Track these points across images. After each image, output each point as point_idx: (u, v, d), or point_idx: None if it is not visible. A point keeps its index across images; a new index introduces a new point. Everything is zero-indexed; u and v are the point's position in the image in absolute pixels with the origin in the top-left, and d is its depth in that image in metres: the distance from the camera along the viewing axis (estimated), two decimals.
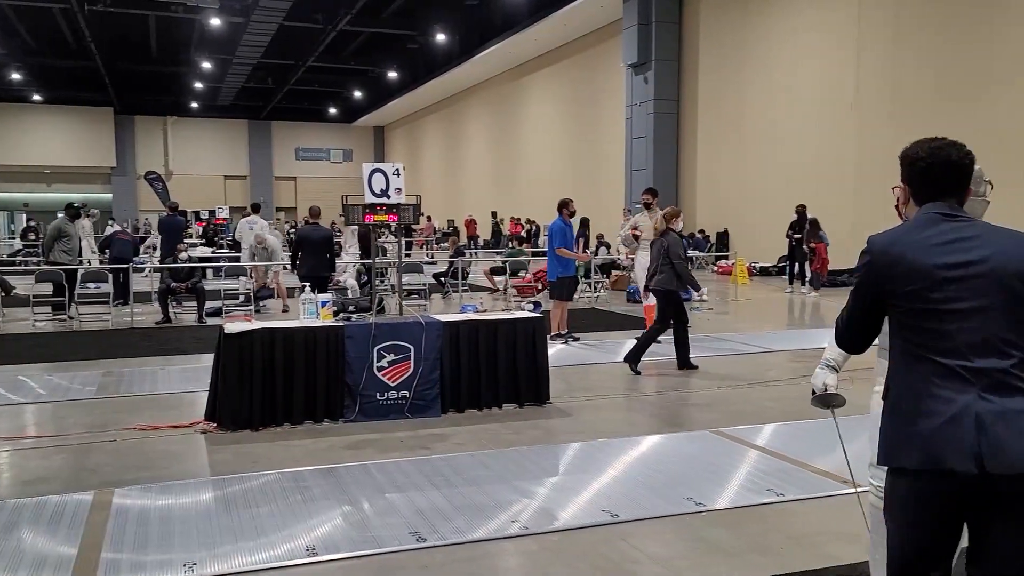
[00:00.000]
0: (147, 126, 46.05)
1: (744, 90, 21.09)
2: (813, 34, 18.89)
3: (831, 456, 5.22)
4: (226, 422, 5.91)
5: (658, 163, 23.13)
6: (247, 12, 25.81)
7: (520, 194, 33.21)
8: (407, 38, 31.62)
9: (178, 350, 9.64)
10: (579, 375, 8.11)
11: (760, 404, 6.83)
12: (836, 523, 4.14)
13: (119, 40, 31.56)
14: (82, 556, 3.73)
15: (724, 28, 21.69)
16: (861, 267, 2.29)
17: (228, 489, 4.66)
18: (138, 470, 5.05)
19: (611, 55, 25.66)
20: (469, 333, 6.52)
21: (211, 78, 37.01)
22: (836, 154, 18.27)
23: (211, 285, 14.49)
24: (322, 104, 46.09)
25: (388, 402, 6.27)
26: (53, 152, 43.12)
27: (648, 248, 9.89)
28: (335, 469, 5.01)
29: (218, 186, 46.84)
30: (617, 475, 4.92)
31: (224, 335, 5.93)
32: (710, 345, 9.79)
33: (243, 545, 3.85)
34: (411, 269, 14.89)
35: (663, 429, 6.06)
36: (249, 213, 16.33)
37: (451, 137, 41.55)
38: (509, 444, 5.61)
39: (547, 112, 31.43)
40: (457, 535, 3.96)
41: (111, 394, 7.26)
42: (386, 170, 7.35)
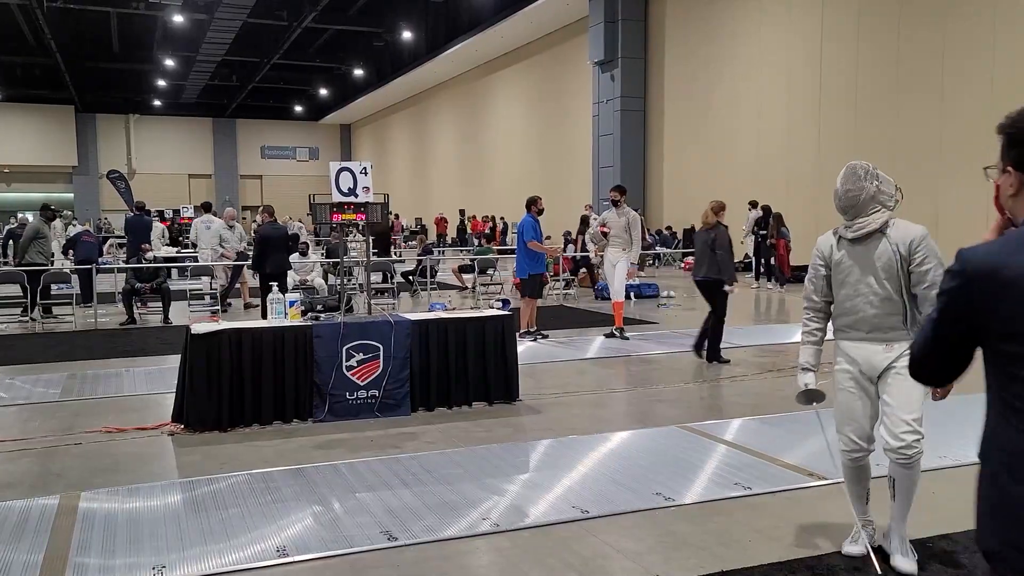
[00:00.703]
0: (109, 124, 45.35)
1: (709, 87, 21.30)
2: (777, 30, 19.14)
3: (797, 450, 5.32)
4: (194, 423, 5.86)
5: (625, 160, 23.29)
6: (211, 9, 25.52)
7: (488, 191, 33.22)
8: (373, 35, 31.50)
9: (143, 351, 9.53)
10: (548, 372, 8.15)
11: (727, 399, 6.93)
12: (802, 516, 4.22)
13: (79, 37, 31.02)
14: (49, 561, 3.69)
15: (690, 25, 21.88)
16: (951, 291, 1.67)
17: (197, 491, 4.63)
18: (105, 473, 5.00)
19: (578, 52, 25.77)
20: (438, 331, 6.53)
21: (174, 76, 36.54)
22: (799, 150, 18.54)
23: (176, 285, 14.32)
24: (288, 102, 45.71)
25: (358, 401, 6.26)
26: (12, 151, 42.27)
27: (616, 244, 9.97)
28: (305, 469, 4.99)
29: (182, 185, 46.27)
30: (587, 471, 4.96)
31: (191, 336, 5.88)
32: (677, 341, 9.88)
33: (213, 547, 3.83)
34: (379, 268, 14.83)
35: (632, 425, 6.12)
36: (202, 213, 16.13)
37: (418, 135, 41.43)
38: (479, 442, 5.64)
39: (515, 109, 31.47)
40: (428, 533, 3.98)
41: (76, 396, 7.16)
42: (354, 169, 7.32)
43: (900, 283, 3.50)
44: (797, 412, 6.38)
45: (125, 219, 17.28)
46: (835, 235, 3.66)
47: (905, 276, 3.49)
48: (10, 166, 42.78)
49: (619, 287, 10.10)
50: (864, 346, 3.57)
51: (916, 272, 3.47)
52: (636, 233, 9.99)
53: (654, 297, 14.69)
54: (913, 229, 3.51)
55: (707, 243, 8.33)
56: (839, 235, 3.63)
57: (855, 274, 3.57)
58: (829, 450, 3.41)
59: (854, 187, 3.51)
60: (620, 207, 10.01)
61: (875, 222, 3.50)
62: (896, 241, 3.48)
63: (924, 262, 3.44)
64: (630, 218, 9.97)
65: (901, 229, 3.51)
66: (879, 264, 3.51)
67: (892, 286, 3.50)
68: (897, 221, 3.55)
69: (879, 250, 3.51)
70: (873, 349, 3.55)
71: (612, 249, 10.04)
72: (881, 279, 3.51)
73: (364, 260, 9.01)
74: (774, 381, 7.63)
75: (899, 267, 3.49)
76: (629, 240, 9.97)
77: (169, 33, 29.75)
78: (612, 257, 10.08)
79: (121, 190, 36.74)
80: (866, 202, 3.50)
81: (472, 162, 35.27)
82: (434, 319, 6.64)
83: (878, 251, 3.51)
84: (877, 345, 3.54)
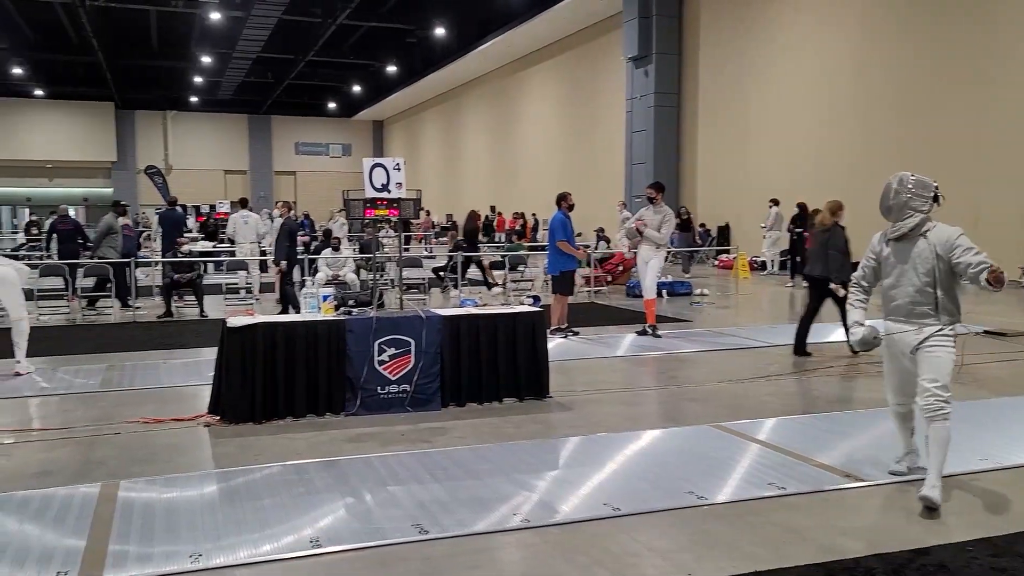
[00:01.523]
0: (147, 121, 46.05)
1: (745, 82, 21.08)
2: (815, 25, 18.90)
3: (832, 451, 5.26)
4: (229, 415, 5.94)
5: (659, 157, 23.15)
6: (247, 6, 25.79)
7: (519, 188, 33.22)
8: (406, 32, 31.60)
9: (180, 344, 9.67)
10: (579, 369, 8.14)
11: (761, 398, 6.86)
12: (838, 517, 4.16)
13: (120, 35, 31.53)
14: (90, 548, 3.76)
15: (725, 20, 21.68)
16: None
17: (232, 481, 4.69)
18: (143, 463, 5.09)
19: (611, 49, 25.66)
20: (469, 327, 6.55)
21: (211, 73, 36.98)
22: (837, 147, 18.29)
23: (212, 280, 14.52)
24: (322, 98, 46.05)
25: (389, 396, 6.30)
26: (55, 147, 43.15)
27: (650, 242, 9.92)
28: (337, 462, 5.04)
29: (218, 181, 46.85)
30: (618, 469, 4.95)
31: (227, 329, 5.96)
32: (711, 339, 9.82)
33: (248, 537, 3.88)
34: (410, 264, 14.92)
35: (663, 423, 6.08)
36: (239, 208, 16.33)
37: (450, 131, 41.53)
38: (509, 438, 5.64)
39: (546, 106, 31.41)
40: (459, 527, 3.99)
41: (115, 387, 7.30)
42: (387, 165, 7.36)
43: (934, 277, 4.19)
44: (832, 412, 6.32)
45: (157, 214, 17.56)
46: (882, 235, 4.44)
47: (941, 273, 4.18)
48: (53, 161, 43.66)
49: (651, 285, 10.06)
50: (900, 327, 4.35)
51: (958, 264, 4.12)
52: (667, 228, 9.97)
53: (687, 295, 14.61)
54: (950, 231, 4.19)
55: (823, 244, 8.50)
56: (886, 234, 4.40)
57: (897, 268, 4.32)
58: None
59: (890, 195, 4.29)
60: (657, 204, 9.97)
61: (909, 225, 4.25)
62: (934, 242, 4.19)
63: (962, 255, 4.10)
64: (664, 216, 9.92)
65: (940, 231, 4.21)
66: (918, 260, 4.23)
67: (927, 280, 4.21)
68: (938, 224, 4.24)
69: (918, 248, 4.23)
70: (906, 330, 4.32)
71: (645, 247, 10.00)
72: (919, 273, 4.23)
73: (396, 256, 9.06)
74: (809, 381, 7.55)
75: (936, 264, 4.17)
76: (663, 237, 9.94)
77: (206, 30, 30.12)
78: (645, 255, 10.03)
79: (158, 185, 37.34)
80: (900, 208, 4.26)
81: (503, 158, 35.28)
82: (465, 315, 6.65)
83: (918, 249, 4.24)
84: (910, 327, 4.30)
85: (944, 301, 4.20)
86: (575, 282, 10.93)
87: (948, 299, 4.21)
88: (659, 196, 10.06)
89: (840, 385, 7.37)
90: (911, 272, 4.24)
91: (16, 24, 30.66)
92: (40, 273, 12.55)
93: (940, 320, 4.22)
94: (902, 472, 4.65)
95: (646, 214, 10.02)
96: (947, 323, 4.25)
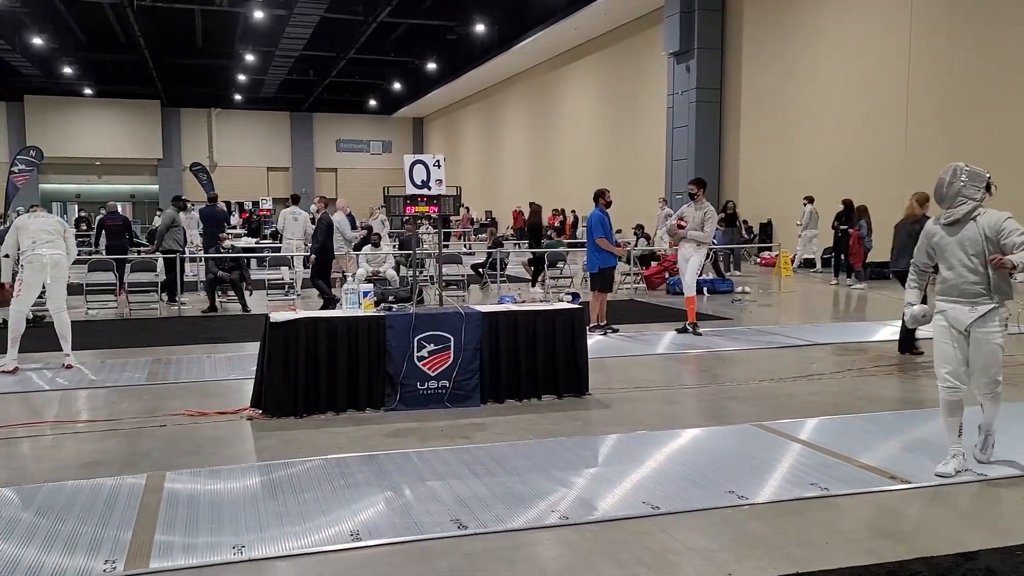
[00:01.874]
0: (192, 118, 46.80)
1: (790, 78, 20.78)
2: (862, 19, 18.54)
3: (877, 451, 5.17)
4: (271, 409, 6.02)
5: (700, 153, 22.91)
6: (290, 5, 26.09)
7: (559, 184, 33.14)
8: (446, 29, 31.69)
9: (223, 338, 9.83)
10: (618, 367, 8.10)
11: (803, 398, 6.77)
12: (883, 520, 4.09)
13: (166, 34, 32.11)
14: (136, 537, 3.85)
15: (769, 15, 21.38)
16: None
17: (274, 474, 4.76)
18: (188, 454, 5.18)
19: (652, 44, 25.45)
20: (508, 324, 6.55)
21: (254, 71, 37.49)
22: (884, 144, 17.94)
23: (256, 275, 14.71)
24: (362, 96, 46.41)
25: (428, 391, 6.33)
26: (103, 144, 44.09)
27: (692, 239, 9.82)
28: (377, 456, 5.08)
29: (261, 177, 47.48)
30: (657, 467, 4.92)
31: (270, 324, 6.04)
32: (753, 338, 9.71)
33: (289, 529, 3.93)
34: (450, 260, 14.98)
35: (704, 422, 6.03)
36: (290, 204, 16.55)
37: (490, 128, 41.58)
38: (548, 434, 5.64)
39: (586, 102, 31.28)
40: (497, 523, 4.00)
41: (160, 381, 7.44)
42: (427, 161, 7.40)
43: (984, 259, 4.47)
44: (878, 412, 6.22)
45: (199, 210, 17.89)
46: (935, 221, 4.76)
47: (990, 254, 4.44)
48: (101, 159, 44.64)
49: (691, 282, 9.97)
50: (955, 307, 4.62)
51: (1004, 245, 4.40)
52: (709, 227, 9.86)
53: (728, 293, 14.46)
54: (998, 215, 4.48)
55: (911, 235, 8.28)
56: (939, 219, 4.71)
57: (950, 250, 4.61)
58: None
59: (944, 184, 4.58)
60: (698, 201, 9.87)
61: (961, 211, 4.53)
62: (983, 225, 4.48)
63: (1009, 235, 4.39)
64: (706, 213, 9.82)
65: (989, 215, 4.50)
66: (968, 243, 4.52)
67: (979, 261, 4.50)
68: (988, 210, 4.53)
69: (969, 232, 4.53)
70: (961, 309, 4.59)
71: (686, 244, 9.91)
72: (970, 255, 4.52)
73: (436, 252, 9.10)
74: (853, 380, 7.42)
75: (984, 246, 4.46)
76: (707, 236, 9.85)
77: (250, 29, 30.53)
78: (686, 252, 9.95)
79: (203, 182, 37.95)
80: (952, 196, 4.55)
81: (543, 155, 35.22)
82: (504, 311, 6.66)
83: (968, 232, 4.53)
84: (965, 306, 4.58)
85: (996, 280, 4.48)
86: (614, 279, 10.86)
87: (999, 278, 4.49)
88: (700, 192, 9.95)
89: (886, 385, 7.24)
90: (962, 255, 4.54)
91: (67, 25, 31.40)
92: (89, 268, 12.84)
93: (993, 299, 4.52)
94: (948, 474, 4.61)
95: (687, 211, 9.93)
96: (999, 302, 4.55)
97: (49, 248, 7.85)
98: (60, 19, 30.48)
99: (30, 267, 7.77)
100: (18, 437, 5.60)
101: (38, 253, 7.78)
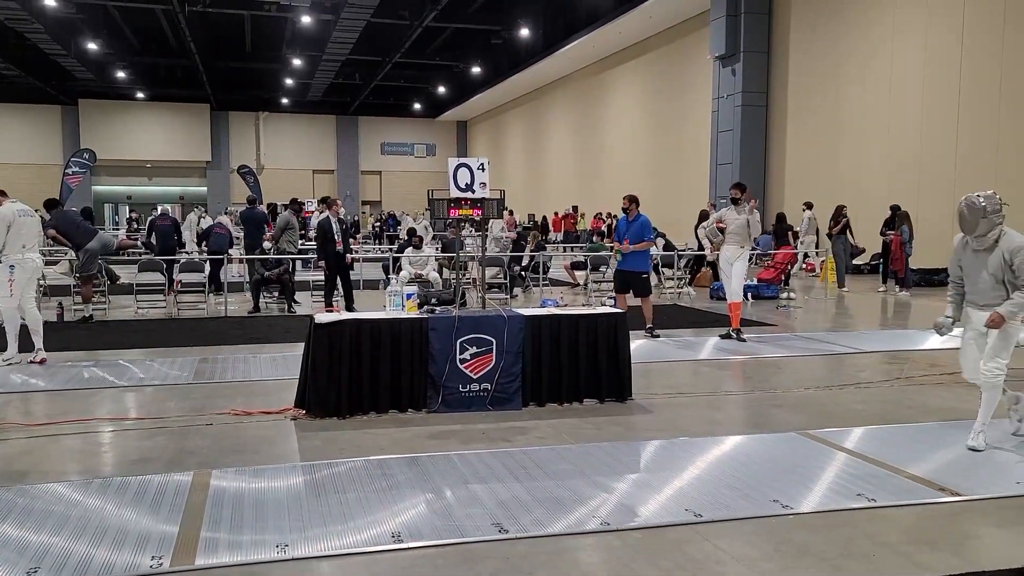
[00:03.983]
0: (240, 121, 47.58)
1: (838, 82, 20.43)
2: (913, 23, 18.16)
3: (926, 462, 5.05)
4: (315, 409, 6.09)
5: (745, 157, 22.65)
6: (337, 10, 26.38)
7: (603, 188, 33.00)
8: (491, 33, 31.79)
9: (267, 339, 9.97)
10: (661, 372, 8.04)
11: (850, 406, 6.64)
12: (932, 532, 4.00)
13: (216, 38, 32.73)
14: (183, 533, 3.92)
15: (818, 17, 21.05)
16: None
17: (317, 474, 4.81)
18: (233, 453, 5.26)
19: (697, 47, 25.23)
20: (551, 327, 6.54)
21: (301, 74, 37.99)
22: (935, 150, 17.54)
23: (299, 277, 14.90)
24: (407, 99, 46.75)
25: (470, 394, 6.35)
26: (154, 147, 45.09)
27: (734, 242, 9.72)
28: (419, 458, 5.10)
29: (307, 180, 48.09)
30: (700, 474, 4.86)
31: (314, 325, 6.11)
32: (798, 344, 9.56)
33: (332, 529, 3.97)
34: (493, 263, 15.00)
35: (748, 429, 5.95)
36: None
37: (534, 131, 41.58)
38: (590, 439, 5.61)
39: (631, 105, 31.12)
40: (538, 527, 3.99)
41: (206, 380, 7.57)
42: (471, 165, 7.40)
43: (1003, 276, 5.16)
44: (926, 423, 6.08)
45: (239, 213, 18.20)
46: (964, 243, 5.40)
47: (1007, 271, 5.12)
48: (152, 161, 45.64)
49: (737, 287, 9.86)
50: (979, 313, 5.33)
51: (1016, 270, 5.06)
52: (754, 231, 9.77)
53: (773, 299, 14.25)
54: (1016, 240, 5.10)
55: None
56: (967, 243, 5.36)
57: (976, 268, 5.32)
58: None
59: (971, 219, 5.18)
60: (740, 205, 9.76)
61: (992, 237, 5.19)
62: (1004, 249, 5.14)
63: (1020, 267, 5.05)
64: (750, 217, 9.72)
65: (1010, 239, 5.13)
66: (991, 264, 5.21)
67: (999, 278, 5.19)
68: (1008, 232, 5.16)
69: (993, 255, 5.20)
70: (981, 315, 5.29)
71: (729, 247, 9.81)
72: (991, 272, 5.22)
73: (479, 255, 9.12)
74: (902, 389, 7.26)
75: (1004, 266, 5.14)
76: (748, 238, 9.73)
77: (298, 34, 30.95)
78: (729, 255, 9.83)
79: (250, 184, 38.58)
80: (981, 225, 5.16)
81: (587, 158, 35.12)
82: (546, 315, 6.65)
83: (992, 255, 5.21)
84: (986, 313, 5.23)
85: (1011, 294, 5.14)
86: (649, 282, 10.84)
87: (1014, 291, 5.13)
88: (742, 196, 9.86)
89: (934, 395, 7.07)
90: (986, 274, 5.23)
91: (121, 31, 32.18)
92: (139, 268, 13.13)
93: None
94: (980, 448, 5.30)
95: (728, 214, 9.84)
96: None
97: (35, 252, 8.36)
98: (114, 25, 31.25)
99: (21, 270, 8.09)
100: (67, 434, 5.73)
101: (29, 257, 8.19)
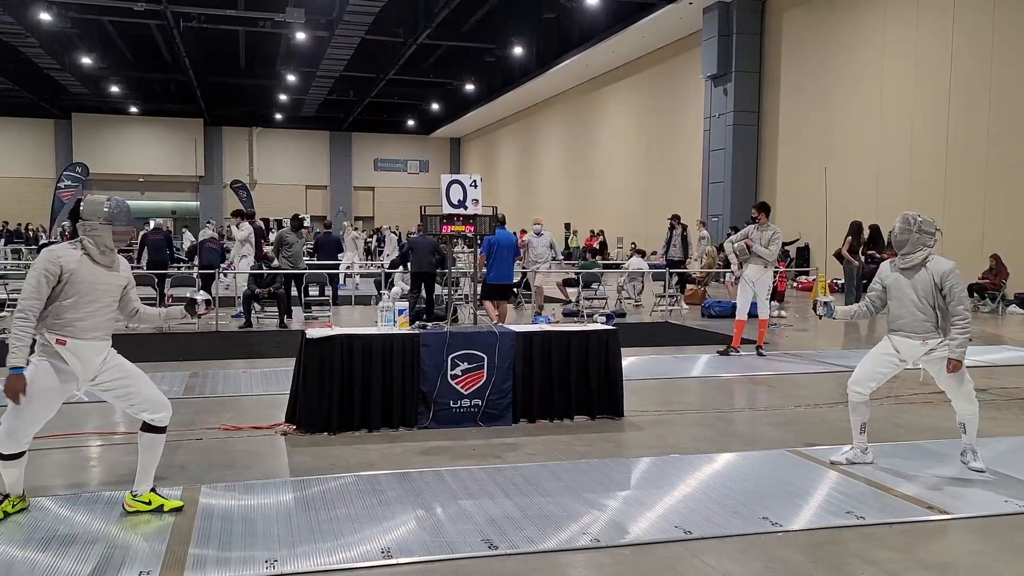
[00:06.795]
0: (234, 136, 47.65)
1: (829, 101, 20.62)
2: (902, 43, 18.36)
3: (914, 482, 5.07)
4: (305, 425, 6.07)
5: (736, 176, 22.80)
6: (331, 27, 26.52)
7: (595, 206, 33.12)
8: (485, 51, 31.97)
9: (259, 354, 9.94)
10: (652, 389, 8.04)
11: (840, 424, 6.65)
12: (920, 551, 4.01)
13: (210, 54, 32.84)
14: (171, 549, 3.89)
15: (808, 38, 21.27)
16: None
17: (307, 490, 4.79)
18: (222, 468, 5.24)
19: (689, 67, 25.44)
20: (542, 344, 6.55)
21: (295, 90, 38.11)
22: (923, 169, 17.69)
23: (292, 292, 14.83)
24: (401, 116, 46.93)
25: (461, 410, 6.34)
26: (147, 161, 45.08)
27: (757, 261, 9.77)
28: (409, 474, 5.09)
29: (300, 195, 48.12)
30: (690, 491, 4.87)
31: (306, 340, 6.10)
32: (789, 363, 9.59)
33: (321, 545, 3.96)
34: None
35: (738, 447, 5.96)
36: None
37: (526, 149, 41.75)
38: (581, 456, 5.61)
39: (623, 124, 31.30)
40: (528, 544, 3.99)
41: (197, 394, 7.55)
42: (464, 181, 7.44)
43: (933, 300, 5.04)
44: (915, 441, 6.09)
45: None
46: (891, 264, 5.27)
47: (937, 296, 5.03)
48: (145, 176, 45.60)
49: (764, 304, 10.09)
50: (906, 340, 5.16)
51: (947, 296, 5.00)
52: (774, 247, 9.86)
53: None
54: (945, 264, 5.05)
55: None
56: (895, 264, 5.23)
57: (902, 291, 5.16)
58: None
59: (903, 235, 5.11)
60: (762, 224, 9.88)
61: (918, 258, 5.10)
62: (932, 272, 5.04)
63: (951, 291, 4.99)
64: (773, 235, 9.85)
65: (938, 264, 5.06)
66: (919, 286, 5.08)
67: (928, 302, 5.06)
68: (935, 256, 5.09)
69: (920, 277, 5.08)
70: (912, 343, 5.14)
71: (753, 265, 9.88)
72: (920, 296, 5.08)
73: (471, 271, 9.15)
74: (890, 408, 7.29)
75: (933, 289, 5.03)
76: (772, 256, 9.84)
77: (292, 50, 31.08)
78: (752, 274, 9.90)
79: (243, 199, 38.55)
80: (912, 244, 5.10)
81: (579, 176, 35.26)
82: (538, 331, 6.66)
83: (919, 277, 5.09)
84: (915, 340, 5.12)
85: (941, 320, 5.06)
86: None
87: (943, 318, 5.06)
88: (763, 216, 9.95)
89: (924, 413, 7.09)
90: (914, 295, 5.09)
91: (115, 45, 32.25)
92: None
93: (940, 334, 5.08)
94: (841, 463, 5.33)
95: (753, 234, 9.92)
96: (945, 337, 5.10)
97: None
98: (109, 39, 31.32)
99: None
100: (55, 448, 5.70)
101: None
